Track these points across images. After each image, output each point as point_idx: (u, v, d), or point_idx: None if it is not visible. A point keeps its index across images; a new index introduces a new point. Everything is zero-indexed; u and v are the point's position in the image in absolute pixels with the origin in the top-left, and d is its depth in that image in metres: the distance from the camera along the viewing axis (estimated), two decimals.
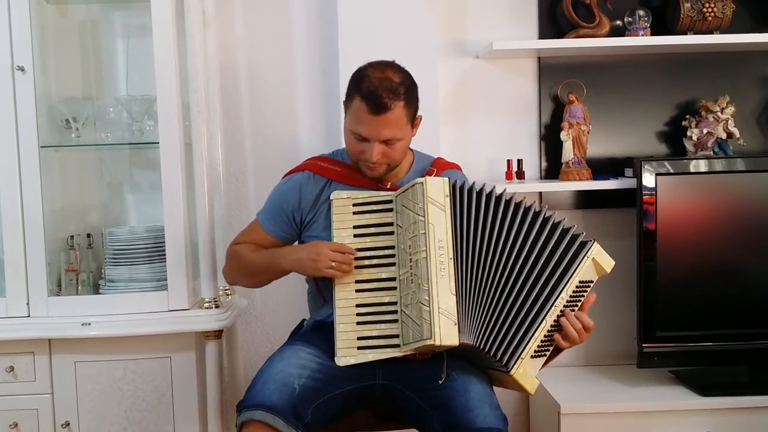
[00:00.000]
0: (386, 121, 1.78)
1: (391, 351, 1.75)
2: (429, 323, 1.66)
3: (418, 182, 1.76)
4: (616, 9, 2.52)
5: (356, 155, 1.87)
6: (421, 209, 1.73)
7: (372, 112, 1.78)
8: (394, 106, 1.78)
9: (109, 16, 2.51)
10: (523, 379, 1.70)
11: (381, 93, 1.77)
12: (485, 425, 1.64)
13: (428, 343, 1.66)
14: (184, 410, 2.23)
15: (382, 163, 1.86)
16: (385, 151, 1.83)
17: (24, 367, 2.19)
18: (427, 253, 1.70)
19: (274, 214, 1.98)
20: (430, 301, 1.67)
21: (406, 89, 1.82)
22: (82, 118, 2.32)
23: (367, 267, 1.81)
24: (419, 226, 1.73)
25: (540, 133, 2.63)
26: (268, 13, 2.58)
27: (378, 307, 1.79)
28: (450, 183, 1.77)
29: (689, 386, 2.38)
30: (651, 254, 2.36)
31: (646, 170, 2.35)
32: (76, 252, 2.31)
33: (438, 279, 1.69)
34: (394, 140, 1.82)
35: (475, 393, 1.71)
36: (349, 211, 1.85)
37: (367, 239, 1.83)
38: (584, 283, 1.76)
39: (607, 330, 2.67)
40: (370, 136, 1.81)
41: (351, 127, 1.84)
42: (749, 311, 2.40)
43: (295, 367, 1.75)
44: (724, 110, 2.50)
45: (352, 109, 1.82)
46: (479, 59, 2.61)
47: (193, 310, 2.24)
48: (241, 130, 2.61)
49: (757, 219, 2.40)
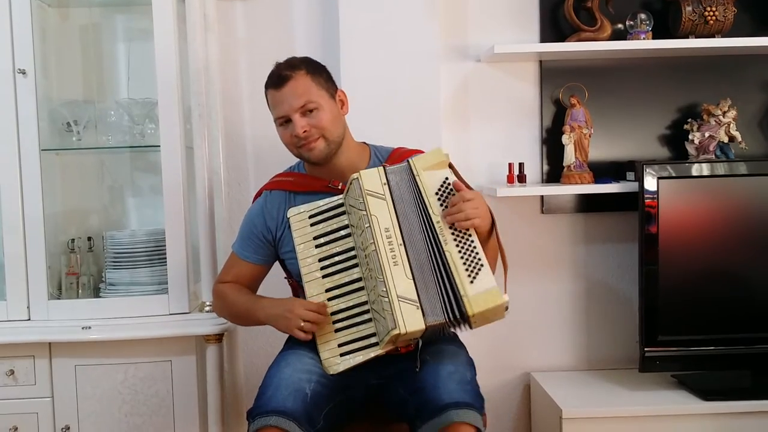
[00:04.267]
0: (293, 91, 1.84)
1: (372, 350, 1.75)
2: (391, 314, 1.66)
3: (354, 178, 1.80)
4: (618, 12, 2.52)
5: (291, 143, 1.89)
6: (362, 204, 1.76)
7: (276, 88, 1.86)
8: (295, 74, 1.86)
9: (111, 19, 2.52)
10: (483, 305, 1.64)
11: (280, 70, 1.88)
12: (451, 400, 1.65)
13: (394, 334, 1.65)
14: (185, 414, 2.23)
15: (314, 136, 1.86)
16: (309, 123, 1.86)
17: (24, 371, 2.18)
18: (375, 245, 1.72)
19: (246, 240, 1.99)
20: (388, 292, 1.68)
21: (307, 63, 1.91)
22: (83, 122, 2.32)
23: (333, 274, 1.82)
24: (364, 221, 1.75)
25: (541, 137, 2.62)
26: (269, 17, 2.58)
27: (352, 310, 1.79)
28: (384, 171, 1.80)
29: (691, 391, 2.37)
30: (653, 258, 2.36)
31: (648, 174, 2.35)
32: (77, 255, 2.31)
33: (391, 268, 1.70)
34: (312, 106, 1.85)
35: (445, 372, 1.73)
36: (306, 224, 1.87)
37: (327, 247, 1.84)
38: (440, 188, 1.77)
39: (609, 334, 2.66)
40: (285, 110, 1.86)
41: (274, 118, 1.90)
42: (752, 315, 2.40)
43: (303, 372, 1.75)
44: (726, 114, 2.50)
45: (269, 104, 1.91)
46: (481, 63, 2.61)
47: (193, 313, 2.24)
48: (242, 134, 2.61)
49: (760, 222, 2.39)
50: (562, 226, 2.64)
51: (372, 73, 2.41)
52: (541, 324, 2.66)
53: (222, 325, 2.21)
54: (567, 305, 2.66)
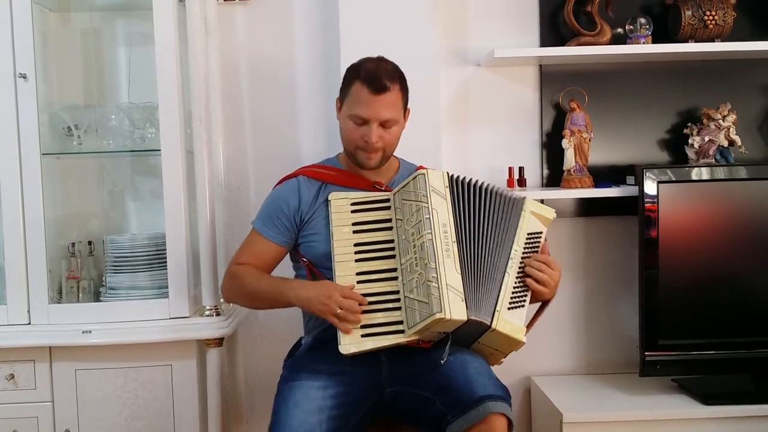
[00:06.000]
0: (385, 102, 1.89)
1: (395, 337, 1.76)
2: (438, 299, 1.71)
3: (420, 173, 1.87)
4: (618, 17, 2.53)
5: (355, 141, 1.92)
6: (425, 197, 1.83)
7: (372, 93, 1.88)
8: (392, 87, 1.89)
9: (112, 24, 2.52)
10: (506, 329, 1.79)
11: (380, 75, 1.89)
12: (486, 393, 1.70)
13: (437, 317, 1.69)
14: (185, 418, 2.22)
15: (379, 149, 1.92)
16: (383, 135, 1.90)
17: (24, 375, 2.18)
18: (432, 235, 1.78)
19: (273, 218, 1.98)
20: (438, 278, 1.74)
21: (400, 75, 1.95)
22: (83, 126, 2.32)
23: (367, 260, 1.85)
24: (423, 212, 1.81)
25: (541, 141, 2.63)
26: (269, 21, 2.59)
27: (380, 296, 1.81)
28: (448, 176, 1.90)
29: (692, 395, 2.37)
30: (653, 262, 2.36)
31: (647, 178, 2.35)
32: (77, 259, 2.31)
33: (444, 258, 1.77)
34: (392, 123, 1.91)
35: (473, 368, 1.78)
36: (347, 210, 1.90)
37: (365, 234, 1.88)
38: (533, 234, 1.93)
39: (609, 338, 2.66)
40: (370, 116, 1.88)
41: (351, 111, 1.91)
42: (752, 319, 2.40)
43: (314, 413, 1.74)
44: (726, 118, 2.50)
45: (351, 95, 1.91)
46: (481, 67, 2.61)
47: (194, 317, 2.23)
48: (242, 138, 2.61)
49: (759, 226, 2.39)
50: (562, 231, 2.64)
51: None
52: (541, 328, 2.62)
53: (223, 330, 2.21)
54: (567, 309, 2.66)
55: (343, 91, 1.96)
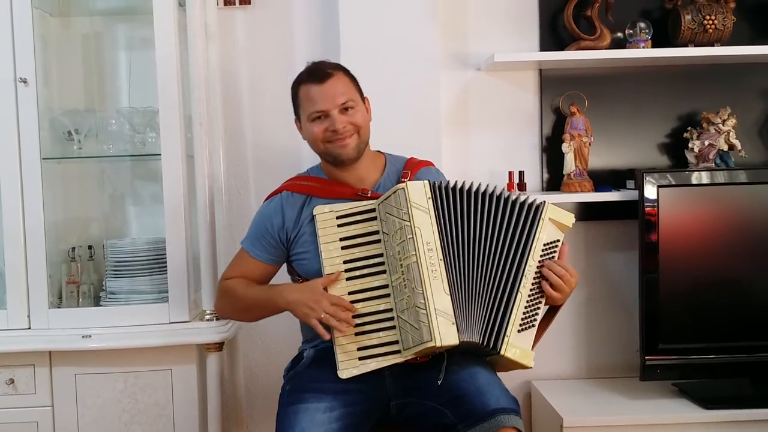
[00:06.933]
0: (334, 87, 1.88)
1: (392, 357, 1.75)
2: (428, 326, 1.68)
3: (400, 188, 1.79)
4: (617, 21, 2.53)
5: (323, 137, 1.89)
6: (406, 214, 1.76)
7: (318, 83, 1.88)
8: (336, 73, 1.90)
9: (112, 28, 2.52)
10: (515, 356, 1.73)
11: (320, 66, 1.92)
12: (499, 406, 1.68)
13: (429, 346, 1.67)
14: (185, 423, 2.22)
15: (350, 132, 1.89)
16: (347, 120, 1.89)
17: (24, 380, 2.18)
18: (417, 257, 1.73)
19: (260, 237, 1.96)
20: (426, 304, 1.69)
21: (343, 67, 1.97)
22: (84, 130, 2.32)
23: (358, 277, 1.81)
24: (406, 231, 1.75)
25: (541, 145, 2.63)
26: (270, 25, 2.59)
27: (374, 316, 1.78)
28: (430, 185, 1.81)
29: (692, 399, 2.37)
30: (653, 266, 2.36)
31: (647, 182, 2.35)
32: (77, 264, 2.31)
33: (431, 281, 1.72)
34: (351, 105, 1.89)
35: (483, 378, 1.75)
36: (333, 224, 1.85)
37: (354, 250, 1.83)
38: (550, 244, 1.83)
39: (609, 342, 2.66)
40: (327, 106, 1.87)
41: (307, 112, 1.90)
42: (752, 324, 2.40)
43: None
44: (726, 122, 2.50)
45: (301, 100, 1.92)
46: (480, 71, 2.61)
47: (194, 322, 2.23)
48: (242, 142, 2.61)
49: (760, 231, 2.39)
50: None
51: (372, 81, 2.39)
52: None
53: (222, 334, 2.21)
54: (567, 313, 2.66)
55: (295, 105, 1.95)
